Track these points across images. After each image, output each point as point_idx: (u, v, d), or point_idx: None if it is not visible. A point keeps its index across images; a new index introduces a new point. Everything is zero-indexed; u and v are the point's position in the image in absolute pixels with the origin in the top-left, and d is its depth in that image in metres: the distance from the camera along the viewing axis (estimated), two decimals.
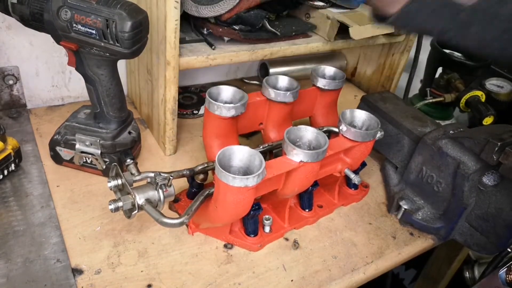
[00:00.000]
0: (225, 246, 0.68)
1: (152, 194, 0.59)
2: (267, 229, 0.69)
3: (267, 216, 0.70)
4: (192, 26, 0.82)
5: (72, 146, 0.74)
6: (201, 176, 0.69)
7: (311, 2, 0.92)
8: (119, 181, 0.60)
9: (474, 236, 0.72)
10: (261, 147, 0.71)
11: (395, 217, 0.79)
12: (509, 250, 0.71)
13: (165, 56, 0.72)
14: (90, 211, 0.70)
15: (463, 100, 1.12)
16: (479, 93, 1.11)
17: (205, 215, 0.63)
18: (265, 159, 0.60)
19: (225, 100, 0.67)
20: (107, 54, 0.64)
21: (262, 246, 0.69)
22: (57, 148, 0.75)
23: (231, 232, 0.68)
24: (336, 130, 0.72)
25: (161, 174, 0.60)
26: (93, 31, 0.62)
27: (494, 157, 0.66)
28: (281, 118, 0.76)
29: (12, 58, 0.87)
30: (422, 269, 1.30)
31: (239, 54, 0.80)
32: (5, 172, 0.71)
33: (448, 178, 0.73)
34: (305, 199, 0.74)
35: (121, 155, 0.74)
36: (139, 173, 0.61)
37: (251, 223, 0.67)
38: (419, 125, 0.83)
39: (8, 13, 0.66)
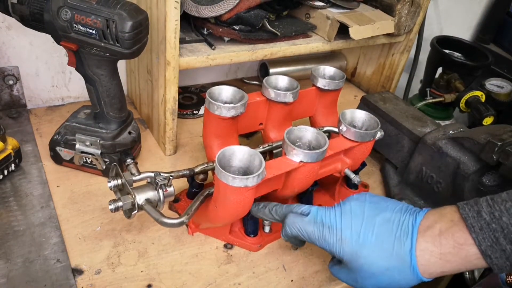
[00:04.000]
0: (225, 246, 0.68)
1: (152, 194, 0.59)
2: (267, 229, 0.69)
3: None
4: (192, 26, 0.82)
5: (72, 146, 0.74)
6: (201, 176, 0.68)
7: (311, 2, 0.92)
8: (119, 181, 0.60)
9: None
10: (261, 147, 0.71)
11: None
12: None
13: (165, 56, 0.72)
14: (90, 211, 0.70)
15: (463, 100, 1.12)
16: (479, 93, 1.11)
17: (205, 215, 0.63)
18: (265, 159, 0.60)
19: (225, 100, 0.67)
20: (107, 54, 0.64)
21: (262, 246, 0.69)
22: (57, 148, 0.75)
23: (231, 232, 0.68)
24: (336, 130, 0.72)
25: (161, 174, 0.60)
26: (93, 31, 0.62)
27: (494, 157, 0.66)
28: (281, 118, 0.76)
29: (12, 58, 0.87)
30: None
31: (239, 54, 0.80)
32: (5, 172, 0.71)
33: (448, 178, 0.73)
34: (305, 199, 0.74)
35: (121, 155, 0.74)
36: (139, 173, 0.61)
37: (251, 223, 0.67)
38: (419, 125, 0.83)
39: (8, 13, 0.66)
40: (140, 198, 0.58)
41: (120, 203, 0.57)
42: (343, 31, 0.89)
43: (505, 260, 0.45)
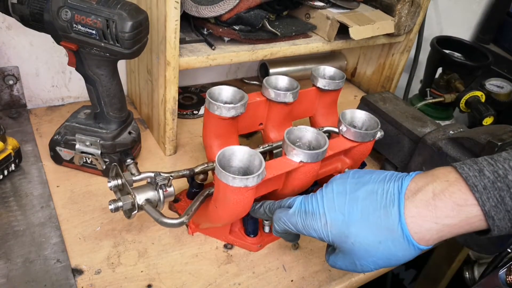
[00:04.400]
0: (225, 246, 0.68)
1: (152, 194, 0.59)
2: (267, 229, 0.69)
3: None
4: (192, 26, 0.82)
5: (72, 146, 0.74)
6: (201, 176, 0.68)
7: (311, 2, 0.92)
8: (119, 181, 0.60)
9: (474, 236, 0.72)
10: (261, 147, 0.71)
11: None
12: (509, 250, 0.71)
13: (165, 56, 0.72)
14: (90, 211, 0.70)
15: (463, 101, 1.12)
16: (479, 93, 1.11)
17: (205, 215, 0.63)
18: (265, 159, 0.60)
19: (225, 100, 0.67)
20: (107, 54, 0.64)
21: (262, 246, 0.69)
22: (57, 148, 0.75)
23: (231, 232, 0.68)
24: (336, 130, 0.72)
25: (161, 174, 0.60)
26: (93, 32, 0.62)
27: None
28: (281, 118, 0.76)
29: (12, 58, 0.87)
30: (422, 269, 1.30)
31: (239, 54, 0.80)
32: (5, 172, 0.71)
33: None
34: None
35: (121, 155, 0.74)
36: (139, 173, 0.61)
37: (251, 223, 0.67)
38: (419, 125, 0.83)
39: (8, 13, 0.66)
40: (140, 198, 0.58)
41: (120, 203, 0.57)
42: (343, 31, 0.89)
43: (507, 222, 0.42)
